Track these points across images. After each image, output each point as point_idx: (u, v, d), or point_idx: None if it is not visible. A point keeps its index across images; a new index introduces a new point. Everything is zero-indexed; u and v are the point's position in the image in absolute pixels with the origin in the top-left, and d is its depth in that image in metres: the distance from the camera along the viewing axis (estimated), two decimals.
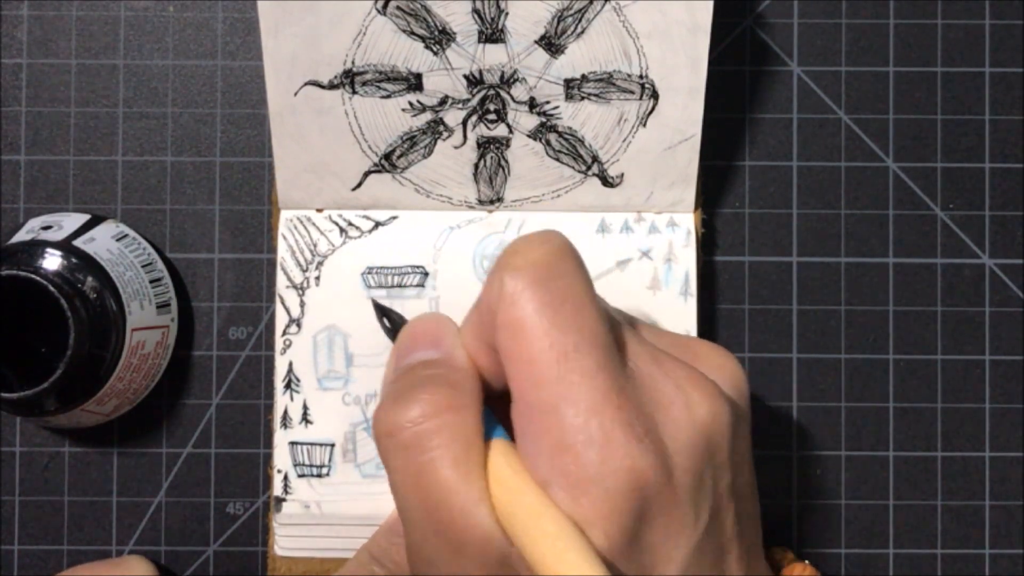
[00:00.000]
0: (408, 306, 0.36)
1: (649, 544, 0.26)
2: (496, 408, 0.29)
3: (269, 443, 0.38)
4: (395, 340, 0.31)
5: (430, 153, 0.36)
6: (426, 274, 0.37)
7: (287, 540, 0.36)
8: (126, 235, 0.37)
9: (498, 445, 0.27)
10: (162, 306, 0.37)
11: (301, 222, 0.37)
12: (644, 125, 0.36)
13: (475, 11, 0.35)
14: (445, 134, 0.36)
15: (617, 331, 0.28)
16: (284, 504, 0.36)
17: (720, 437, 0.28)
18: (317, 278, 0.37)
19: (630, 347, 0.28)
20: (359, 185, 0.37)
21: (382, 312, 0.34)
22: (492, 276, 0.28)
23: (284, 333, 0.37)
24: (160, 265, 0.37)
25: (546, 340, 0.26)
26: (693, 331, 0.37)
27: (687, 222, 0.37)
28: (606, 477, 0.25)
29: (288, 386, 0.37)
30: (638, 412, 0.26)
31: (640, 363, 0.28)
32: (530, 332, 0.26)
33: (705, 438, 0.27)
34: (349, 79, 0.35)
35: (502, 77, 0.36)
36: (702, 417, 0.28)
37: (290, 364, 0.37)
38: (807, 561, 0.36)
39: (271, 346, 0.38)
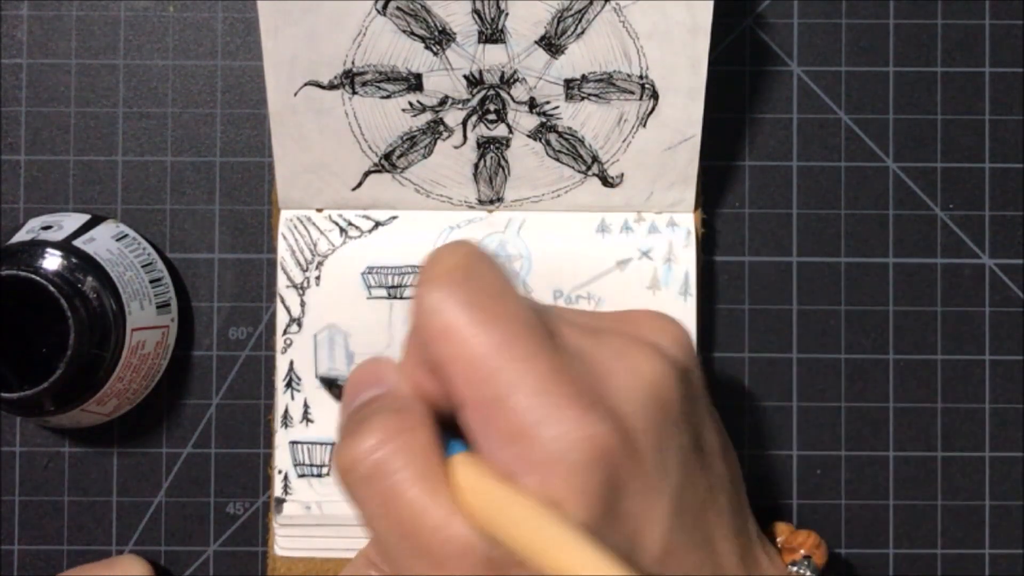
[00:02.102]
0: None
1: (627, 511, 0.26)
2: (455, 430, 0.29)
3: (269, 443, 0.38)
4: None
5: (430, 153, 0.36)
6: None
7: (287, 540, 0.36)
8: (126, 235, 0.37)
9: (460, 458, 0.27)
10: (162, 306, 0.37)
11: (301, 222, 0.37)
12: (644, 125, 0.36)
13: (475, 11, 0.35)
14: (445, 134, 0.36)
15: (545, 317, 0.28)
16: (285, 505, 0.36)
17: (668, 392, 0.28)
18: (317, 278, 0.37)
19: (562, 329, 0.28)
20: (359, 185, 0.37)
21: (328, 384, 0.34)
22: (413, 296, 0.28)
23: (285, 332, 0.37)
24: (160, 265, 0.38)
25: (477, 337, 0.26)
26: (693, 331, 0.37)
27: (687, 222, 0.37)
28: (567, 452, 0.25)
29: (289, 385, 0.37)
30: (583, 385, 0.26)
31: (575, 341, 0.28)
32: (459, 332, 0.26)
33: (654, 397, 0.28)
34: (349, 79, 0.35)
35: (502, 77, 0.36)
36: (646, 376, 0.28)
37: (291, 363, 0.37)
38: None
39: (271, 346, 0.39)
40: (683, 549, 0.27)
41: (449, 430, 0.29)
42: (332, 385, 0.35)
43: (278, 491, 0.36)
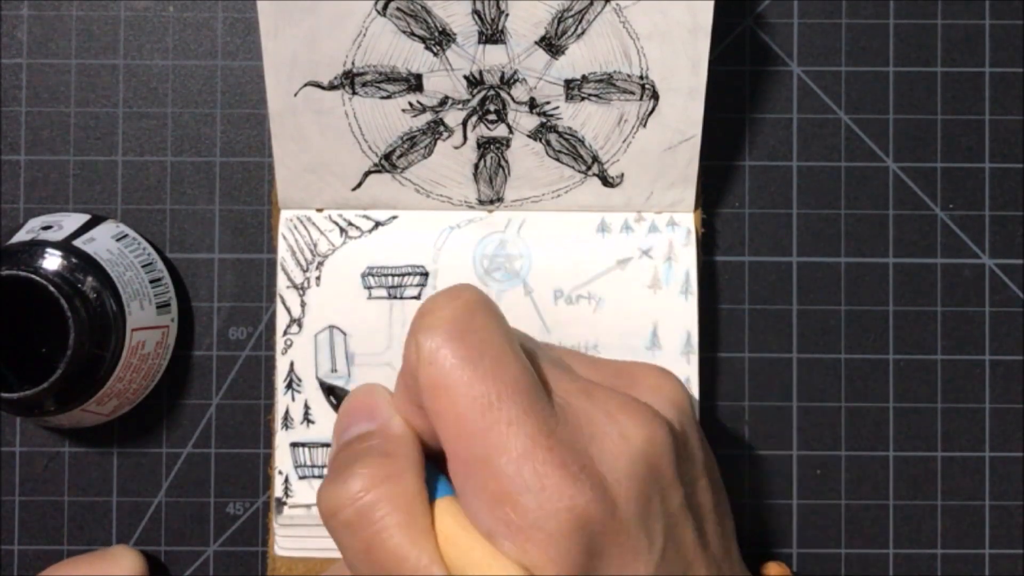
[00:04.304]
0: (409, 307, 0.36)
1: None
2: (444, 465, 0.29)
3: (269, 443, 0.38)
4: None
5: (430, 153, 0.36)
6: (426, 274, 0.37)
7: (287, 540, 0.36)
8: (126, 235, 0.37)
9: (443, 504, 0.28)
10: (162, 306, 0.37)
11: (301, 222, 0.37)
12: (644, 125, 0.36)
13: (475, 12, 0.35)
14: (445, 134, 0.36)
15: (541, 372, 0.28)
16: (285, 506, 0.36)
17: (660, 459, 0.28)
18: (317, 278, 0.37)
19: (557, 385, 0.28)
20: (359, 185, 0.37)
21: (328, 390, 0.35)
22: (408, 339, 0.28)
23: (285, 333, 0.37)
24: (160, 265, 0.38)
25: (468, 394, 0.26)
26: (694, 329, 0.37)
27: (687, 221, 0.37)
28: (547, 520, 0.26)
29: (289, 386, 0.37)
30: (571, 450, 0.27)
31: (570, 399, 0.28)
32: (452, 388, 0.27)
33: (644, 464, 0.28)
34: (349, 80, 0.35)
35: (502, 78, 0.36)
36: (638, 444, 0.28)
37: (291, 364, 0.37)
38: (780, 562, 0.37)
39: (271, 346, 0.39)
40: None
41: (439, 464, 0.29)
42: (331, 392, 0.35)
43: (279, 492, 0.36)
